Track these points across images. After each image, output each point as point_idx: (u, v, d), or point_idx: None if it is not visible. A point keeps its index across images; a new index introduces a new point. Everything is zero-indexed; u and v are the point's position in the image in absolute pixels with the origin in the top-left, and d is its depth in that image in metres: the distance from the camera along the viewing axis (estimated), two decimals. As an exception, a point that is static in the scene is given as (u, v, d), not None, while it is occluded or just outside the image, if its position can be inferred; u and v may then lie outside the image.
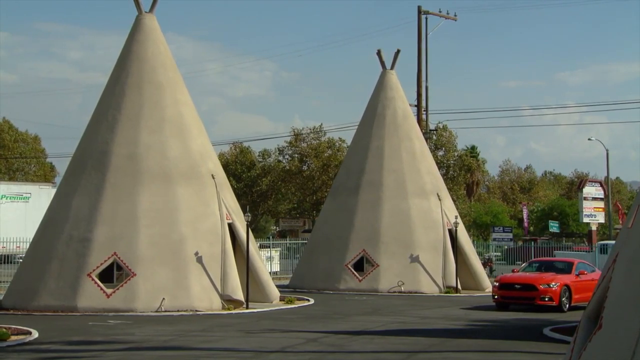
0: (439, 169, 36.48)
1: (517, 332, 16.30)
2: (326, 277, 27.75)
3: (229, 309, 20.15)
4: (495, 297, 21.06)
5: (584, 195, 49.40)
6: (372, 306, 22.28)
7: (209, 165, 22.23)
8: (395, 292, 26.87)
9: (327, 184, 56.53)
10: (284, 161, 63.04)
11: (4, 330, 14.82)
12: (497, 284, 21.23)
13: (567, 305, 20.43)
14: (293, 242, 40.70)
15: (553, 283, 20.42)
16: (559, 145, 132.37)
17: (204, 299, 20.20)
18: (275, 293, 22.57)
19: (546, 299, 20.25)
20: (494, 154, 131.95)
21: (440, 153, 57.26)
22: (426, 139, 35.84)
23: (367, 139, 29.63)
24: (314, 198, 61.32)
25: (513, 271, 22.63)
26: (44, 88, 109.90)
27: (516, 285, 20.74)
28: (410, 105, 34.63)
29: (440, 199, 29.03)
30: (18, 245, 27.97)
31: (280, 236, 60.41)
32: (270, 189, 63.63)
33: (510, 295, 20.76)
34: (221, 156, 61.65)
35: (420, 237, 28.01)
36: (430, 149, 34.22)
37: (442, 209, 28.83)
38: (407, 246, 27.76)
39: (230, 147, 66.79)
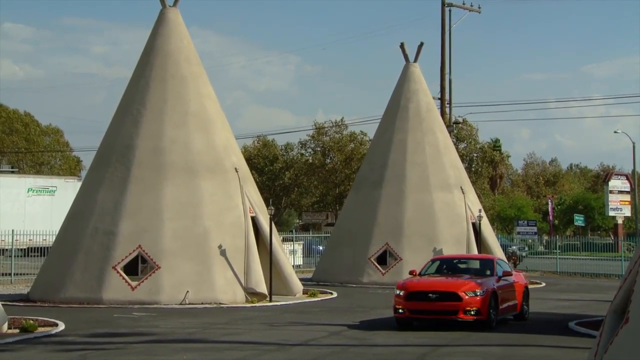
0: (462, 162, 36.27)
1: (542, 326, 16.19)
2: (349, 271, 27.75)
3: (252, 302, 20.23)
4: (400, 310, 14.96)
5: (609, 189, 48.89)
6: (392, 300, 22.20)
7: (232, 158, 22.30)
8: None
9: (349, 177, 56.48)
10: (306, 155, 63.08)
11: (31, 322, 15.01)
12: (400, 293, 15.04)
13: (495, 320, 15.30)
14: (316, 235, 40.72)
15: (479, 290, 14.85)
16: (585, 138, 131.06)
17: (227, 291, 20.30)
18: (298, 286, 22.61)
19: (472, 312, 14.69)
20: (518, 147, 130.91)
21: (463, 146, 56.96)
22: (449, 133, 35.65)
23: (390, 132, 29.53)
24: (337, 191, 61.31)
25: (412, 273, 16.58)
26: (70, 82, 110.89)
27: (430, 295, 14.86)
28: (434, 98, 34.48)
29: (463, 193, 28.88)
30: (44, 238, 28.29)
31: (303, 229, 60.51)
32: (293, 183, 63.70)
33: (423, 308, 14.86)
34: (244, 150, 61.82)
35: (444, 230, 27.89)
36: (452, 142, 34.02)
37: (466, 203, 28.69)
38: (431, 240, 27.66)
39: (254, 141, 66.99)
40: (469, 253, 27.44)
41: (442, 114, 39.83)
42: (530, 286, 28.00)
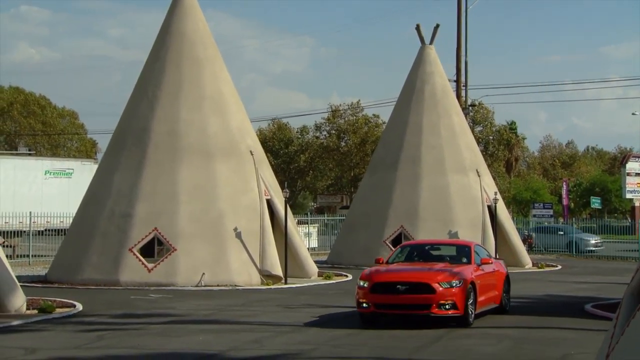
0: (478, 145, 36.12)
1: (558, 309, 16.17)
2: (364, 253, 27.76)
3: (267, 284, 20.33)
4: (364, 305, 12.96)
5: (627, 171, 48.48)
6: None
7: (247, 141, 22.33)
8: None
9: (364, 160, 56.40)
10: (321, 137, 63.00)
11: (49, 303, 15.19)
12: (364, 284, 13.06)
13: (473, 314, 13.26)
14: (331, 218, 40.79)
15: (455, 281, 12.89)
16: (602, 120, 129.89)
17: (243, 274, 20.41)
18: (313, 269, 22.69)
19: (447, 307, 12.73)
20: (535, 130, 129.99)
21: (479, 129, 56.67)
22: (465, 115, 35.48)
23: (405, 114, 29.42)
24: (352, 174, 61.27)
25: (378, 261, 14.49)
26: (85, 65, 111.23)
27: (399, 286, 12.85)
28: (449, 80, 34.28)
29: (479, 175, 28.77)
30: (61, 220, 28.51)
31: (318, 212, 60.58)
32: (308, 166, 63.70)
33: (390, 302, 12.86)
34: (260, 132, 61.85)
35: (459, 213, 27.83)
36: (468, 125, 33.86)
37: (482, 185, 28.59)
38: (446, 222, 27.62)
39: (269, 124, 66.98)
40: (485, 235, 27.37)
41: (458, 96, 39.61)
42: (546, 269, 28.32)
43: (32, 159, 37.48)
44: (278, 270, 20.76)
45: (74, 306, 15.59)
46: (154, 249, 20.47)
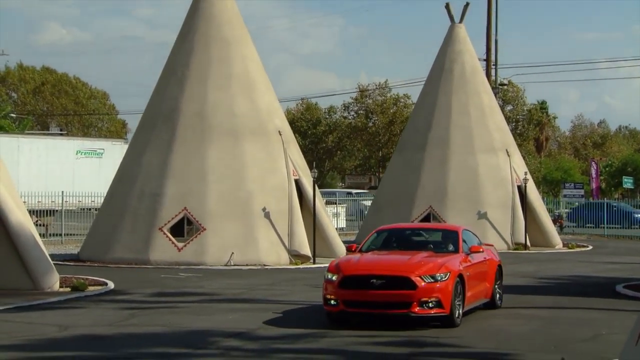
0: (508, 124, 35.77)
1: (589, 289, 16.04)
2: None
3: (296, 264, 20.42)
4: (332, 302, 11.06)
5: (660, 151, 47.63)
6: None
7: (275, 121, 22.35)
8: (462, 248, 26.63)
9: (393, 140, 56.18)
10: (349, 117, 62.84)
11: (82, 281, 15.43)
12: (332, 278, 11.12)
13: (461, 313, 11.29)
14: (360, 198, 40.76)
15: (440, 273, 10.95)
16: (635, 99, 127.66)
17: (271, 253, 20.52)
18: (341, 248, 22.73)
19: (430, 304, 10.79)
20: (566, 109, 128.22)
21: (509, 108, 56.09)
22: (495, 94, 35.11)
23: (434, 94, 29.21)
24: (380, 154, 61.09)
25: (350, 249, 12.44)
26: (116, 46, 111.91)
27: (373, 280, 10.91)
28: (479, 59, 33.90)
29: (509, 155, 28.53)
30: (93, 200, 28.85)
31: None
32: (336, 146, 63.63)
33: (362, 299, 10.91)
34: (288, 113, 61.87)
35: (489, 193, 27.66)
36: (498, 104, 33.51)
37: (511, 165, 28.35)
38: (475, 203, 27.48)
39: (297, 104, 66.94)
40: (515, 215, 27.16)
41: (488, 75, 39.17)
42: (577, 249, 28.08)
43: (63, 139, 37.89)
44: (306, 250, 20.84)
45: (106, 284, 15.82)
46: (183, 228, 20.66)
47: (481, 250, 12.34)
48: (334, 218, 30.76)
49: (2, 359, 9.01)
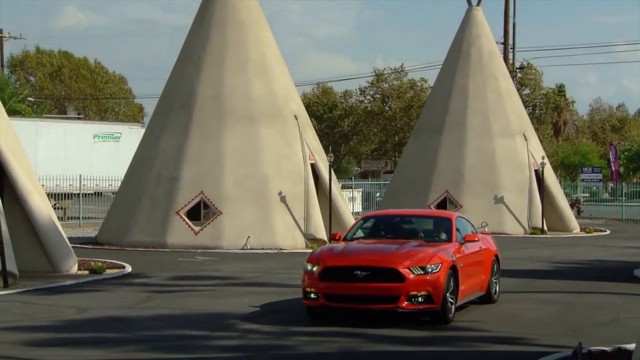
0: (525, 108, 35.54)
1: (606, 274, 15.97)
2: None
3: (312, 248, 20.45)
4: (312, 296, 10.18)
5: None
6: (455, 247, 22.14)
7: (291, 106, 22.33)
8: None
9: (409, 124, 55.96)
10: (365, 102, 62.64)
11: (100, 264, 15.57)
12: (313, 269, 10.22)
13: (454, 308, 10.36)
14: (375, 182, 40.73)
15: (431, 265, 10.04)
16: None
17: (287, 237, 20.58)
18: (357, 232, 22.72)
19: (420, 299, 9.91)
20: (584, 93, 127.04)
21: (526, 92, 55.66)
22: (512, 78, 34.88)
23: (451, 78, 29.06)
24: (396, 139, 60.89)
25: (334, 237, 11.66)
26: (133, 30, 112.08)
27: (357, 272, 9.97)
28: (497, 42, 33.65)
29: (526, 139, 28.39)
30: (110, 183, 29.04)
31: (362, 177, 60.54)
32: (352, 130, 63.48)
33: (345, 292, 10.02)
34: (304, 97, 61.76)
35: (505, 178, 27.57)
36: (515, 88, 33.28)
37: (529, 149, 28.22)
38: (492, 187, 27.41)
39: (313, 88, 66.79)
40: (532, 200, 27.04)
41: (505, 58, 38.89)
42: (594, 234, 27.95)
43: (81, 123, 38.10)
44: (322, 234, 20.88)
45: (124, 267, 15.95)
46: (200, 212, 20.76)
47: (476, 239, 11.28)
48: (350, 202, 30.77)
49: (22, 340, 9.12)
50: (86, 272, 15.17)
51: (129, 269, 15.80)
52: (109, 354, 8.45)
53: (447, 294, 10.08)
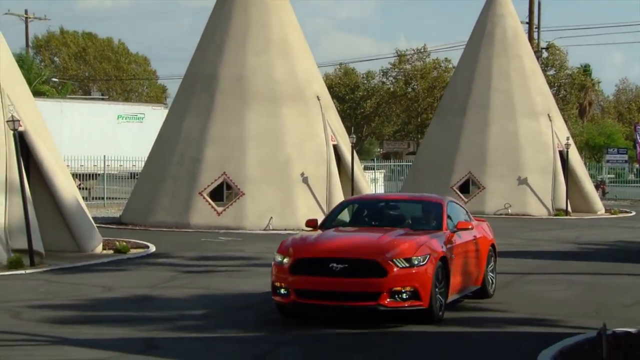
0: (550, 88, 35.18)
1: (631, 255, 15.84)
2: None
3: (334, 229, 20.47)
4: (282, 291, 9.00)
5: None
6: (478, 228, 22.06)
7: (314, 87, 22.28)
8: (501, 214, 26.57)
9: (432, 105, 55.65)
10: (388, 83, 62.33)
11: (124, 244, 15.72)
12: (283, 261, 9.04)
13: (443, 305, 9.19)
14: (397, 164, 40.64)
15: (418, 256, 8.85)
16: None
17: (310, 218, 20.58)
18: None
19: (404, 296, 8.73)
20: (610, 73, 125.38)
21: (551, 72, 55.05)
22: (537, 58, 34.51)
23: (474, 58, 28.83)
24: (419, 120, 60.61)
25: (310, 225, 10.27)
26: (155, 10, 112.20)
27: (333, 265, 8.78)
28: (521, 22, 33.26)
29: (550, 120, 28.14)
30: (134, 164, 29.24)
31: (384, 158, 60.37)
32: (374, 111, 63.27)
33: (319, 288, 8.83)
34: (326, 78, 61.58)
35: (529, 159, 27.38)
36: (540, 68, 32.92)
37: (553, 130, 27.98)
38: (515, 168, 27.25)
39: (335, 69, 66.56)
40: (556, 181, 26.83)
41: (530, 38, 38.45)
42: (619, 215, 27.70)
43: (105, 103, 38.35)
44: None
45: (148, 247, 16.09)
46: (223, 193, 20.85)
47: (470, 227, 10.02)
48: (372, 183, 30.73)
49: (48, 317, 9.25)
50: (111, 251, 15.33)
51: (152, 248, 15.93)
52: (133, 332, 8.55)
53: (436, 290, 8.90)
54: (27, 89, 15.63)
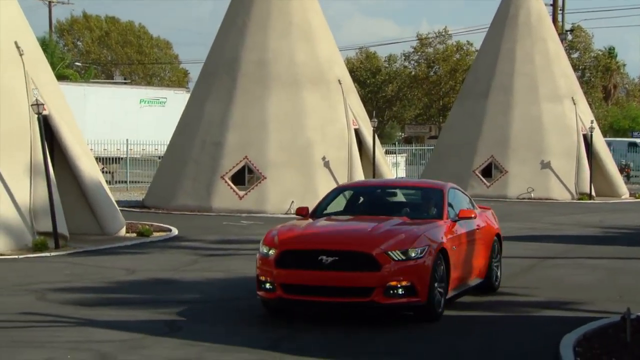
0: (575, 71, 34.78)
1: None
2: (453, 183, 27.55)
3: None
4: (267, 285, 8.32)
5: None
6: (501, 212, 21.86)
7: (335, 70, 22.21)
8: (524, 198, 26.42)
9: (454, 89, 55.30)
10: (410, 67, 61.98)
11: (147, 227, 15.84)
12: (269, 252, 8.43)
13: (443, 301, 8.49)
14: (419, 147, 40.48)
15: (415, 248, 8.20)
16: None
17: (331, 202, 20.59)
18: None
19: (400, 291, 8.06)
20: (635, 55, 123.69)
21: (575, 55, 54.42)
22: (561, 41, 34.11)
23: (497, 41, 28.57)
24: (441, 104, 60.28)
25: (300, 213, 9.54)
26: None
27: (323, 257, 8.11)
28: (545, 4, 32.86)
29: (574, 103, 27.85)
30: (156, 148, 29.38)
31: (406, 142, 60.16)
32: (396, 95, 62.99)
33: (307, 282, 8.15)
34: (347, 62, 61.36)
35: (553, 142, 27.15)
36: (564, 51, 32.56)
37: (577, 113, 27.69)
38: (538, 152, 27.04)
39: (356, 53, 66.29)
40: (580, 165, 26.59)
41: (554, 21, 37.99)
42: (644, 199, 27.41)
43: (127, 87, 38.51)
44: (366, 199, 20.85)
45: (170, 231, 16.20)
46: (244, 177, 20.90)
47: (473, 215, 9.30)
48: (393, 167, 30.65)
49: (72, 299, 9.36)
50: (134, 234, 15.45)
51: (175, 232, 16.04)
52: (156, 314, 8.62)
53: (435, 284, 8.19)
54: (51, 73, 15.74)
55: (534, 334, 7.94)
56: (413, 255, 8.06)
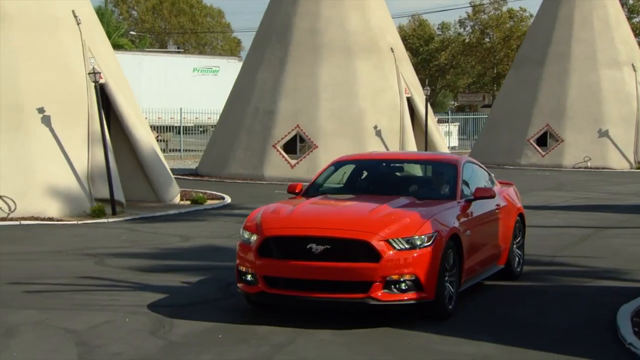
0: (635, 37, 33.76)
1: None
2: (507, 152, 27.20)
3: (408, 181, 20.36)
4: (248, 277, 6.99)
5: None
6: (555, 181, 21.64)
7: (388, 38, 22.00)
8: (580, 167, 25.95)
9: (509, 56, 54.26)
10: (464, 34, 61.00)
11: (201, 195, 16.08)
12: (251, 239, 7.02)
13: (454, 297, 7.13)
14: (472, 116, 39.97)
15: (421, 235, 6.80)
16: None
17: (383, 170, 20.54)
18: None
19: (403, 286, 6.70)
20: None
21: (637, 19, 52.75)
22: (622, 5, 33.08)
23: (554, 7, 27.88)
24: (495, 71, 59.27)
25: (293, 190, 8.32)
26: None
27: (312, 246, 6.74)
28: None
29: (635, 70, 27.09)
30: (209, 117, 29.68)
31: (458, 111, 59.41)
32: (449, 63, 62.16)
33: (294, 275, 6.80)
34: (400, 29, 60.65)
35: (611, 110, 26.51)
36: (625, 15, 31.57)
37: (637, 80, 26.96)
38: (596, 120, 26.46)
39: (409, 20, 65.49)
40: (639, 133, 25.92)
41: (614, -15, 36.77)
42: None
43: (181, 56, 38.89)
44: (418, 168, 20.74)
45: (223, 198, 16.41)
46: (296, 145, 20.98)
47: (491, 194, 7.89)
48: (445, 136, 30.37)
49: (131, 265, 9.60)
50: (188, 202, 15.70)
51: (228, 200, 16.24)
52: (210, 281, 8.77)
53: (445, 277, 6.94)
54: (107, 42, 15.96)
55: (590, 304, 7.84)
56: (419, 243, 6.74)
